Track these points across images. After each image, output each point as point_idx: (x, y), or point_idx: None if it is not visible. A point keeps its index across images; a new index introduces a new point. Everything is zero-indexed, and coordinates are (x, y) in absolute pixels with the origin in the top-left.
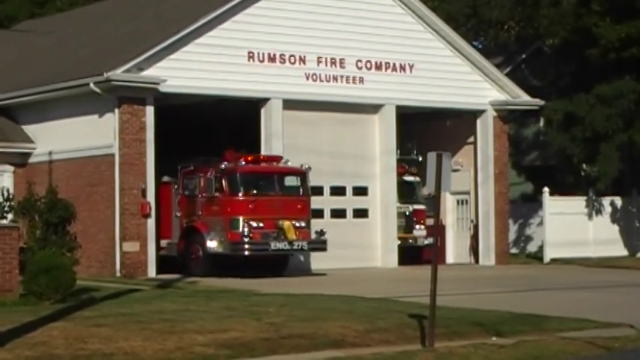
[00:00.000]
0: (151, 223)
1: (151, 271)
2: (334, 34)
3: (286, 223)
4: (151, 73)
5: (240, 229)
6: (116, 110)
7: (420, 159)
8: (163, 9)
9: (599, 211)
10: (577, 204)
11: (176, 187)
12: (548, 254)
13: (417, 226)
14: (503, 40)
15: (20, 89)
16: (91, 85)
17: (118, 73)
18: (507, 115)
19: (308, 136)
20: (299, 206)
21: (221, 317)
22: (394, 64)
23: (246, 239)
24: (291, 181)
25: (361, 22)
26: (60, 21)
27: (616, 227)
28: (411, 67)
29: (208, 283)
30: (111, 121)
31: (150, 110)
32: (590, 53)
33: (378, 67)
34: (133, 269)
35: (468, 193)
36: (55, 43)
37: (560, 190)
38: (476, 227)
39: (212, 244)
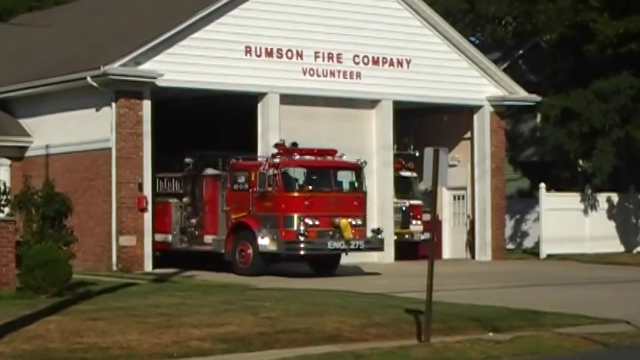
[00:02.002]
0: (148, 217)
1: (148, 265)
2: (331, 29)
3: (343, 221)
4: (148, 67)
5: (295, 227)
6: (113, 104)
7: (417, 154)
8: (161, 3)
9: (595, 207)
10: (573, 200)
11: (223, 180)
12: (545, 250)
13: (414, 222)
14: (500, 36)
15: (17, 82)
16: (88, 78)
17: (115, 67)
18: (504, 111)
19: (305, 131)
20: (355, 203)
21: (218, 311)
22: (391, 60)
23: (301, 238)
24: (346, 176)
25: (358, 17)
26: (57, 14)
27: (612, 223)
28: (408, 62)
29: (204, 277)
30: (108, 114)
31: (147, 104)
32: (587, 49)
33: (376, 62)
34: (130, 263)
35: (464, 188)
36: (52, 37)
37: (557, 185)
38: (472, 223)
39: (264, 241)
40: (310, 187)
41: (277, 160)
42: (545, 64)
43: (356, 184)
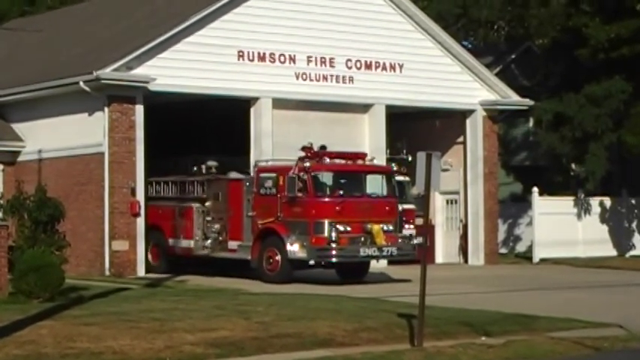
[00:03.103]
0: (141, 221)
1: (141, 270)
2: (324, 33)
3: (375, 227)
4: (140, 71)
5: (327, 234)
6: (105, 109)
7: (410, 158)
8: (154, 8)
9: (588, 211)
10: (566, 204)
11: (248, 184)
12: (537, 254)
13: (407, 226)
14: (493, 40)
15: (10, 87)
16: (81, 83)
17: (108, 72)
18: (497, 115)
19: (298, 135)
20: (387, 208)
21: (210, 316)
22: (384, 64)
23: (333, 245)
24: (377, 180)
25: (351, 22)
26: (50, 19)
27: (605, 227)
28: (401, 66)
29: (197, 282)
30: (100, 119)
31: (139, 109)
32: (579, 53)
33: (368, 66)
34: (122, 268)
35: (457, 192)
36: (45, 42)
37: (550, 190)
38: (465, 227)
39: (293, 248)
40: (341, 192)
41: (308, 164)
42: (538, 68)
43: (387, 189)
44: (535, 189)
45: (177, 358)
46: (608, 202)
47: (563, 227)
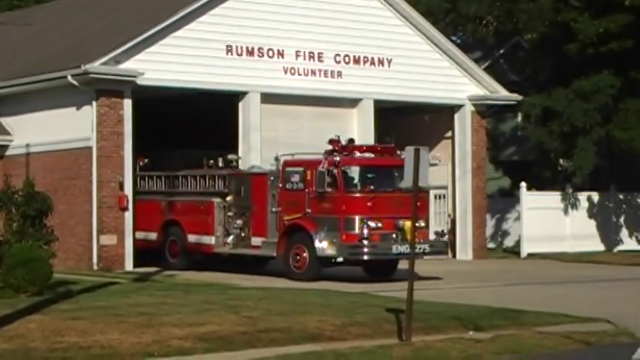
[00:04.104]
0: (129, 216)
1: (129, 265)
2: (313, 27)
3: (407, 224)
4: (128, 66)
5: (358, 230)
6: (94, 103)
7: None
8: (142, 2)
9: (576, 206)
10: (554, 199)
11: (272, 179)
12: (525, 249)
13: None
14: (481, 35)
15: None
16: (69, 77)
17: (96, 66)
18: (485, 110)
19: (286, 130)
20: (418, 204)
21: (199, 311)
22: (372, 59)
23: (365, 242)
24: None
25: (340, 16)
26: (39, 13)
27: (593, 222)
28: (390, 61)
29: (186, 277)
30: (88, 113)
31: (127, 103)
32: (568, 48)
33: (357, 61)
34: (111, 262)
35: (445, 187)
36: (33, 36)
37: (538, 185)
38: (453, 222)
39: (322, 245)
40: (372, 187)
41: (338, 158)
42: (527, 63)
43: None
44: (523, 184)
45: (165, 353)
46: (596, 197)
47: (551, 222)
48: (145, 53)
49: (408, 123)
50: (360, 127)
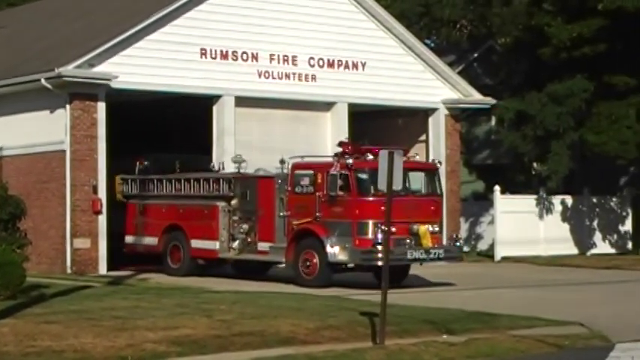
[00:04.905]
0: (102, 219)
1: (102, 268)
2: (286, 31)
3: (422, 228)
4: (102, 69)
5: (371, 235)
6: (67, 106)
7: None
8: (116, 5)
9: (549, 210)
10: (528, 202)
11: (280, 182)
12: (499, 252)
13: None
14: (455, 39)
15: None
16: (42, 80)
17: (70, 69)
18: (459, 114)
19: (260, 133)
20: (432, 208)
21: (172, 314)
22: (346, 62)
23: (378, 247)
24: (421, 178)
25: (314, 20)
26: (12, 16)
27: (567, 226)
28: (364, 64)
29: (160, 280)
30: (62, 117)
31: (101, 106)
32: (542, 52)
33: (331, 64)
34: (84, 266)
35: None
36: (6, 38)
37: (512, 188)
38: None
39: (333, 250)
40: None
41: (350, 161)
42: (500, 67)
43: (431, 187)
44: (497, 187)
45: (138, 357)
46: (569, 200)
47: (525, 226)
48: (119, 56)
49: (382, 126)
50: (334, 131)
